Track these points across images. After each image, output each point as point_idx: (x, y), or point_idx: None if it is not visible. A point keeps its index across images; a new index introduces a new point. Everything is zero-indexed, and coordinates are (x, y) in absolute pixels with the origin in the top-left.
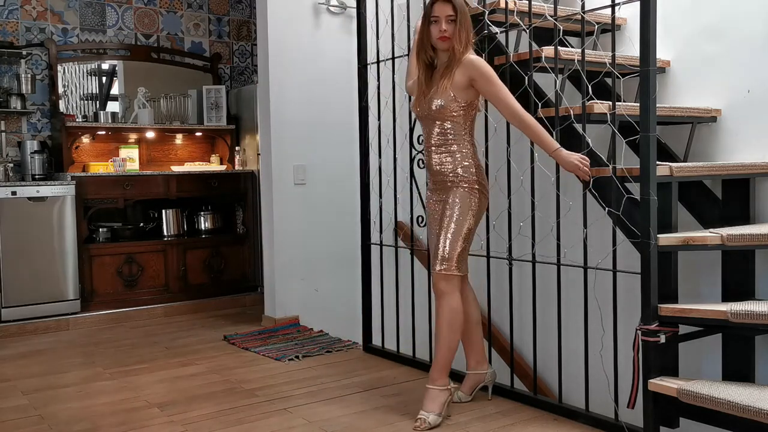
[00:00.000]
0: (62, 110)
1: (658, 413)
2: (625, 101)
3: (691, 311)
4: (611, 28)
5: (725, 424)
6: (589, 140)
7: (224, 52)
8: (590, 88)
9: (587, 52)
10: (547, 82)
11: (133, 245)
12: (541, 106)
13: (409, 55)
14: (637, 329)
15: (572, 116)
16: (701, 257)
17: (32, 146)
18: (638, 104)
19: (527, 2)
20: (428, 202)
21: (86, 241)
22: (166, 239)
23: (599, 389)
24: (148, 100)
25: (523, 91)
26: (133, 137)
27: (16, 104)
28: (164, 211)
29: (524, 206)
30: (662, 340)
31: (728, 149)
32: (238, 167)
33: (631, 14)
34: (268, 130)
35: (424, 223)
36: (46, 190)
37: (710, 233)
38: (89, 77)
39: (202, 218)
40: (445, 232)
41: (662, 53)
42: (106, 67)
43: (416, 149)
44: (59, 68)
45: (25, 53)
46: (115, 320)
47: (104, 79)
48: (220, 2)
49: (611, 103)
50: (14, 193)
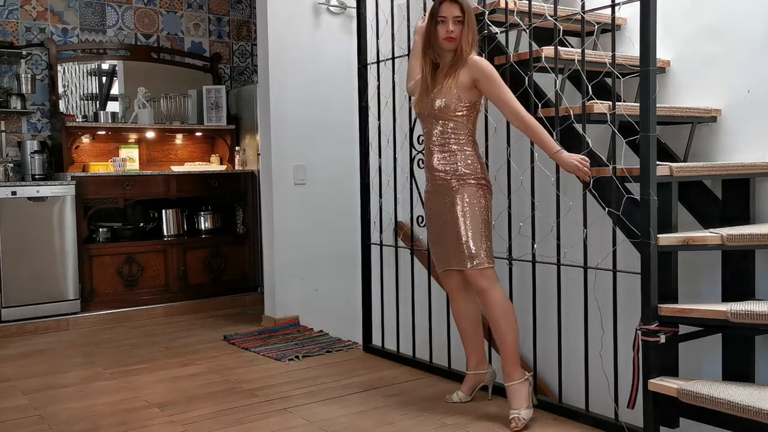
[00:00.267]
0: (62, 110)
1: (658, 413)
2: (625, 101)
3: (691, 311)
4: (611, 28)
5: (725, 424)
6: (589, 140)
7: (224, 52)
8: (590, 88)
9: (587, 52)
10: (547, 82)
11: (133, 245)
12: (541, 106)
13: (409, 55)
14: (637, 329)
15: (572, 116)
16: (701, 257)
17: (32, 146)
18: (638, 104)
19: (527, 2)
20: (428, 202)
21: (86, 241)
22: (166, 239)
23: (599, 389)
24: (148, 100)
25: (523, 91)
26: (133, 137)
27: (16, 104)
28: (164, 211)
29: (524, 206)
30: (662, 340)
31: (728, 149)
32: (238, 167)
33: (631, 14)
34: (268, 130)
35: (424, 223)
36: (46, 190)
37: (710, 233)
38: (89, 77)
39: (202, 218)
40: (464, 230)
41: (662, 53)
42: (106, 67)
43: (416, 149)
44: (59, 68)
45: (25, 53)
46: (115, 320)
47: (104, 79)
48: (220, 2)
49: (611, 103)
50: (14, 193)
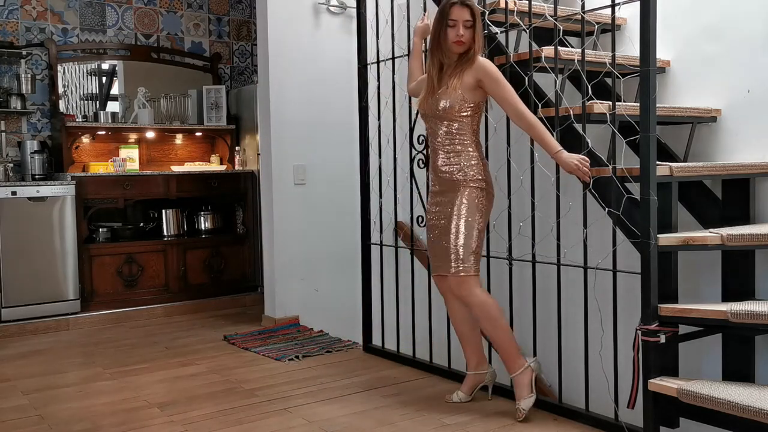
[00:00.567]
0: (62, 110)
1: (658, 413)
2: (625, 101)
3: (691, 311)
4: (611, 28)
5: (725, 424)
6: (589, 140)
7: (224, 52)
8: (590, 88)
9: (587, 52)
10: (547, 82)
11: (133, 245)
12: (541, 106)
13: (409, 56)
14: (637, 329)
15: (572, 116)
16: (701, 257)
17: (32, 146)
18: (638, 104)
19: (527, 2)
20: (431, 203)
21: (86, 241)
22: (166, 239)
23: (599, 389)
24: (148, 100)
25: (523, 91)
26: (133, 137)
27: (16, 104)
28: (164, 211)
29: (524, 206)
30: (662, 340)
31: (728, 149)
32: (238, 167)
33: (631, 14)
34: (268, 130)
35: (424, 223)
36: (46, 190)
37: (710, 233)
38: (89, 77)
39: (202, 218)
40: (456, 232)
41: (662, 53)
42: (106, 67)
43: (416, 149)
44: (59, 68)
45: (25, 53)
46: (115, 320)
47: (104, 79)
48: (220, 2)
49: (611, 103)
50: (14, 193)
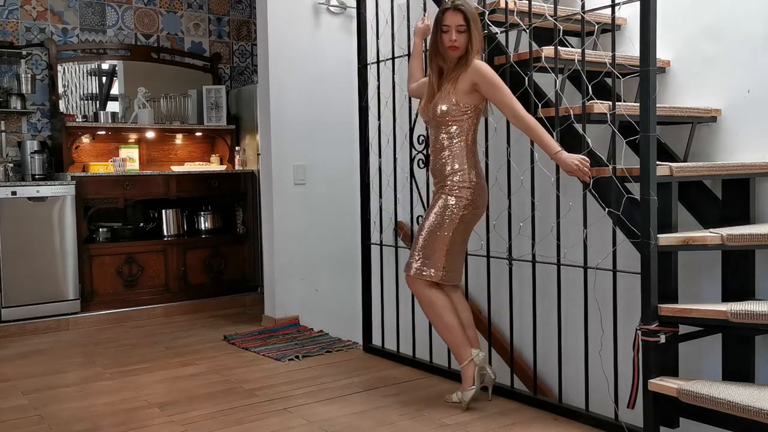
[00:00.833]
0: (62, 110)
1: (658, 413)
2: (625, 101)
3: (691, 311)
4: (611, 28)
5: (725, 424)
6: (589, 140)
7: (224, 52)
8: (590, 88)
9: (587, 52)
10: (547, 82)
11: (133, 245)
12: (541, 106)
13: (409, 56)
14: (637, 329)
15: (572, 116)
16: (701, 257)
17: (32, 146)
18: (638, 104)
19: (527, 2)
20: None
21: (86, 241)
22: (166, 239)
23: (599, 389)
24: (148, 100)
25: (523, 91)
26: (133, 137)
27: (16, 104)
28: (164, 211)
29: (524, 206)
30: (662, 340)
31: (728, 149)
32: (238, 167)
33: (631, 14)
34: (268, 130)
35: None
36: (46, 190)
37: (710, 233)
38: (89, 77)
39: (202, 218)
40: (421, 232)
41: (662, 53)
42: (106, 67)
43: (416, 149)
44: (59, 68)
45: (25, 53)
46: (115, 320)
47: (104, 79)
48: (220, 2)
49: (611, 103)
50: (14, 193)
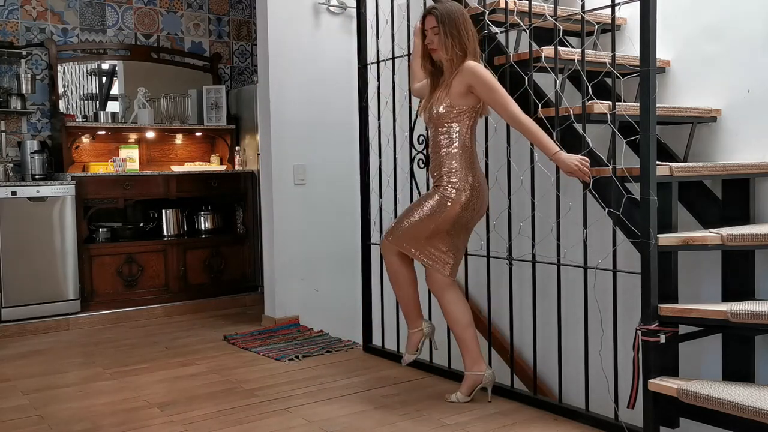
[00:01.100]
0: (62, 110)
1: (658, 413)
2: (625, 101)
3: (691, 311)
4: (611, 28)
5: (725, 424)
6: (589, 140)
7: (224, 52)
8: (590, 88)
9: (587, 52)
10: (547, 82)
11: (133, 245)
12: (541, 106)
13: (409, 56)
14: (637, 329)
15: (572, 116)
16: (701, 257)
17: (32, 146)
18: (638, 104)
19: (527, 2)
20: None
21: (86, 241)
22: (166, 239)
23: (599, 389)
24: (148, 100)
25: (523, 91)
26: (133, 137)
27: (16, 104)
28: (164, 211)
29: (524, 206)
30: (662, 340)
31: (728, 149)
32: (238, 167)
33: (631, 14)
34: (268, 130)
35: None
36: (46, 190)
37: (710, 233)
38: (89, 77)
39: (202, 218)
40: (409, 215)
41: (662, 53)
42: (106, 67)
43: (416, 149)
44: (59, 68)
45: (25, 53)
46: (115, 320)
47: (104, 79)
48: (220, 2)
49: (611, 103)
50: (14, 193)
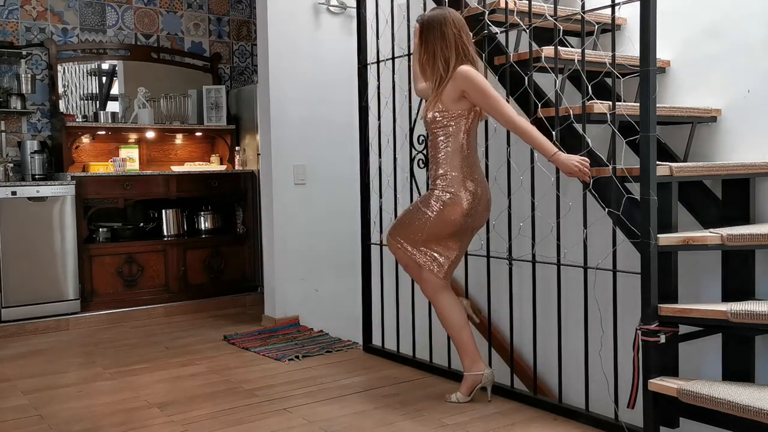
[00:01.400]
0: (62, 110)
1: (658, 413)
2: (625, 101)
3: (691, 311)
4: (611, 28)
5: (725, 424)
6: (589, 140)
7: (224, 52)
8: (590, 88)
9: (587, 52)
10: (547, 82)
11: (133, 245)
12: (541, 106)
13: (409, 56)
14: (637, 329)
15: (572, 116)
16: (701, 257)
17: (32, 146)
18: (638, 104)
19: (527, 2)
20: None
21: (86, 241)
22: (166, 239)
23: (599, 389)
24: (148, 100)
25: (523, 91)
26: (133, 137)
27: (16, 104)
28: (164, 211)
29: (524, 206)
30: (662, 340)
31: (728, 149)
32: (238, 167)
33: (631, 14)
34: (268, 130)
35: None
36: (46, 190)
37: (710, 233)
38: (89, 77)
39: (202, 218)
40: (404, 214)
41: (662, 53)
42: (106, 67)
43: (416, 149)
44: (59, 68)
45: (25, 53)
46: (115, 320)
47: (104, 79)
48: (220, 2)
49: (611, 103)
50: (14, 193)
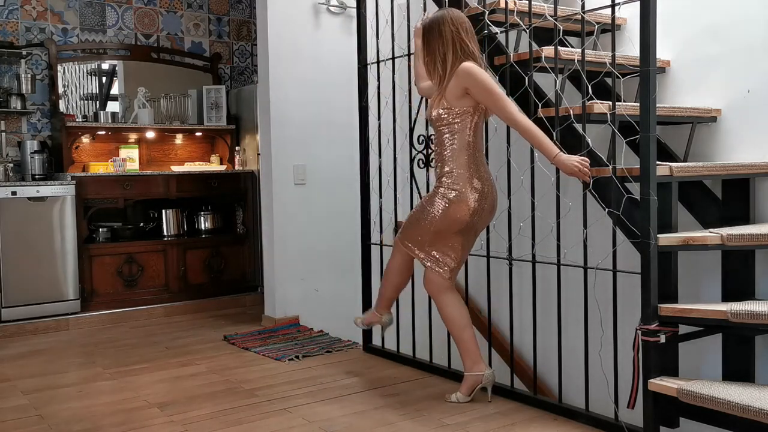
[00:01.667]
0: (62, 110)
1: (658, 413)
2: (625, 101)
3: (691, 311)
4: (611, 28)
5: (725, 424)
6: (589, 140)
7: (224, 52)
8: (590, 88)
9: (587, 52)
10: (547, 82)
11: (133, 245)
12: (541, 106)
13: (409, 56)
14: (637, 329)
15: (572, 116)
16: (701, 257)
17: (32, 146)
18: (638, 104)
19: (527, 2)
20: None
21: (86, 241)
22: (166, 239)
23: (599, 389)
24: (148, 100)
25: (523, 91)
26: (133, 137)
27: (16, 104)
28: (164, 211)
29: (524, 206)
30: (662, 340)
31: (728, 149)
32: (238, 167)
33: (631, 14)
34: (268, 130)
35: None
36: (46, 190)
37: (710, 233)
38: (89, 77)
39: (202, 218)
40: (411, 215)
41: (662, 53)
42: (106, 67)
43: (416, 149)
44: (59, 68)
45: (25, 53)
46: (115, 320)
47: (104, 79)
48: (220, 2)
49: (611, 103)
50: (14, 193)
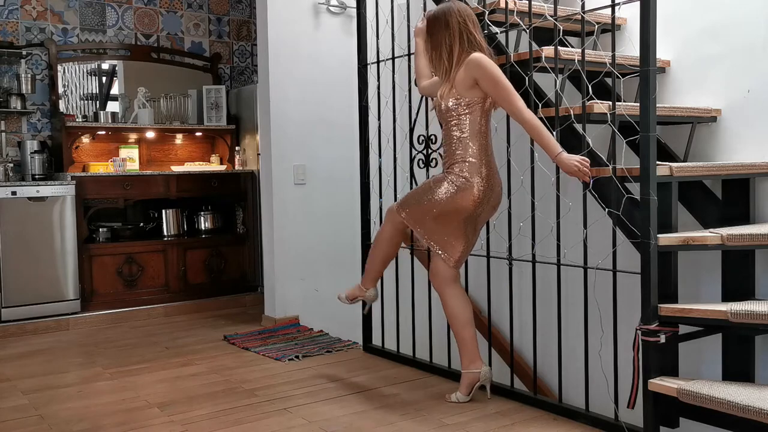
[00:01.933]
0: (62, 110)
1: (658, 413)
2: (625, 101)
3: (691, 311)
4: (611, 28)
5: (725, 424)
6: (589, 140)
7: (224, 52)
8: (590, 88)
9: (587, 52)
10: (547, 82)
11: (133, 245)
12: (541, 106)
13: (409, 56)
14: (637, 329)
15: (572, 116)
16: (701, 257)
17: (32, 146)
18: (638, 104)
19: (527, 2)
20: None
21: (86, 241)
22: (166, 239)
23: (599, 389)
24: (148, 100)
25: (523, 91)
26: (133, 137)
27: (16, 104)
28: (164, 211)
29: (524, 206)
30: (662, 340)
31: (728, 149)
32: (238, 167)
33: (631, 14)
34: (268, 130)
35: None
36: (46, 190)
37: (710, 233)
38: (89, 77)
39: (202, 218)
40: (415, 190)
41: (662, 53)
42: (106, 67)
43: (416, 149)
44: (59, 68)
45: (25, 53)
46: (115, 320)
47: (104, 79)
48: (220, 2)
49: (611, 103)
50: (14, 193)
